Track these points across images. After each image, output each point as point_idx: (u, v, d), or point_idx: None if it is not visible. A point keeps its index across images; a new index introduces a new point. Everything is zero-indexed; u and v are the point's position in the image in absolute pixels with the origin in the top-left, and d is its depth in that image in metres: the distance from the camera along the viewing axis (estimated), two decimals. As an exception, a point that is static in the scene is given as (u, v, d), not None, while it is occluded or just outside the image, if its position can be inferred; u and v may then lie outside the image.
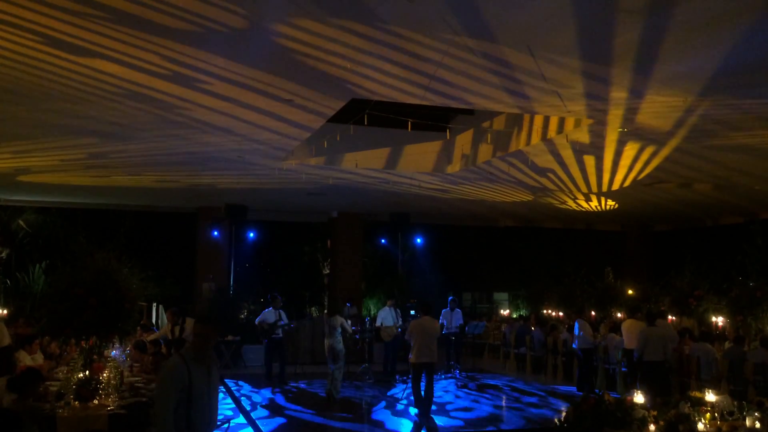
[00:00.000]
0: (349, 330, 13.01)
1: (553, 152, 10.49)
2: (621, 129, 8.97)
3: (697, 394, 6.92)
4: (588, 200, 14.56)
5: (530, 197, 15.38)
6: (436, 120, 10.92)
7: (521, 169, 11.85)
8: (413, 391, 10.70)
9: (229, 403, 11.59)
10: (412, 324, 11.07)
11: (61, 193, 16.00)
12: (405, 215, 17.71)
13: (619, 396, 7.93)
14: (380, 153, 11.90)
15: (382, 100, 8.28)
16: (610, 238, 22.46)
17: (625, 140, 9.56)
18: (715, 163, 11.36)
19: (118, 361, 8.50)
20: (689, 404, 6.51)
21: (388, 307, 14.79)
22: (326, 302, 19.72)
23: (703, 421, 6.34)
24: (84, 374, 7.51)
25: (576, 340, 13.06)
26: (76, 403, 7.00)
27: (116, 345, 8.79)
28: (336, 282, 19.10)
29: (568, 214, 18.77)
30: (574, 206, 15.39)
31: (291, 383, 13.87)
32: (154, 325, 15.08)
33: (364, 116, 8.63)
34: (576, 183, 12.89)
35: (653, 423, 6.31)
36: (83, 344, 7.83)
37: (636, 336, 11.04)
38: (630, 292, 16.79)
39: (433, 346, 10.60)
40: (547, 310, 19.00)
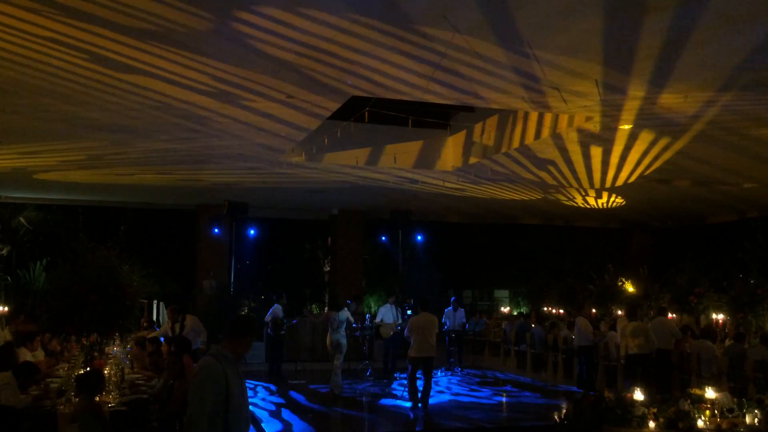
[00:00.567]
0: (352, 324, 13.33)
1: (560, 147, 10.40)
2: (628, 125, 8.95)
3: (697, 391, 6.91)
4: (599, 197, 14.48)
5: (540, 195, 15.32)
6: (437, 117, 10.92)
7: (524, 165, 11.81)
8: (409, 384, 10.99)
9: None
10: (411, 320, 11.33)
11: (62, 190, 16.01)
12: (406, 213, 17.71)
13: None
14: (382, 150, 11.89)
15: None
16: (611, 235, 22.46)
17: (637, 132, 9.45)
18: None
19: (119, 358, 8.50)
20: (689, 401, 6.52)
21: (389, 305, 14.83)
22: (327, 299, 19.74)
23: (702, 418, 6.34)
24: (85, 371, 7.51)
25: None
26: (76, 399, 6.99)
27: (116, 342, 8.79)
28: (336, 279, 19.11)
29: (569, 212, 18.77)
30: (581, 203, 15.34)
31: (291, 381, 13.91)
32: (155, 323, 15.08)
33: (365, 113, 8.63)
34: (579, 178, 12.81)
35: (653, 420, 6.32)
36: (84, 341, 7.84)
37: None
38: (630, 290, 16.77)
39: (432, 341, 10.82)
40: (547, 308, 19.01)
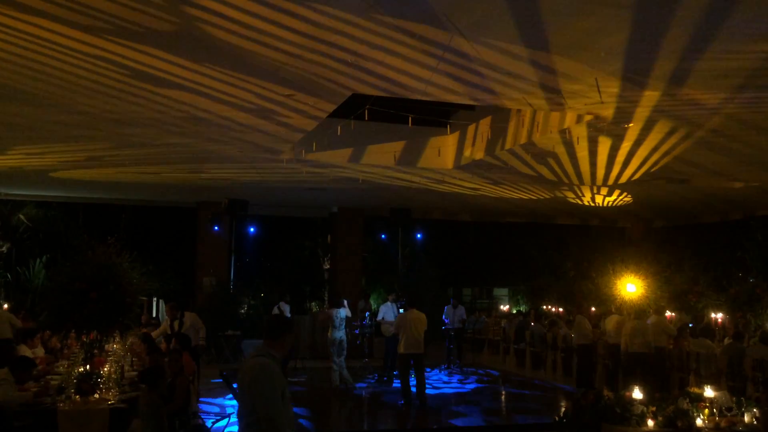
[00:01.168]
0: (351, 321, 13.83)
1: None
2: (628, 125, 8.93)
3: (696, 390, 6.93)
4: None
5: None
6: (437, 115, 10.91)
7: (527, 162, 11.75)
8: (401, 381, 11.22)
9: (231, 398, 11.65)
10: (399, 317, 11.67)
11: (62, 187, 16.01)
12: (406, 211, 17.73)
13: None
14: (381, 148, 11.89)
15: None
16: (610, 234, 22.46)
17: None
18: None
19: (119, 354, 8.51)
20: (688, 400, 6.54)
21: (389, 303, 14.87)
22: (326, 297, 19.76)
23: (701, 416, 6.36)
24: (85, 368, 7.54)
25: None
26: (77, 397, 7.01)
27: (116, 339, 8.81)
28: (336, 277, 19.13)
29: (569, 211, 18.77)
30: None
31: (290, 378, 13.94)
32: (154, 320, 15.09)
33: (365, 111, 8.64)
34: (582, 175, 12.74)
35: (652, 418, 6.33)
36: (84, 338, 7.86)
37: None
38: (631, 290, 16.78)
39: (420, 337, 11.00)
40: (546, 306, 19.04)
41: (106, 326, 7.82)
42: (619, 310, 13.02)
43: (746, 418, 6.45)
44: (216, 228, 17.39)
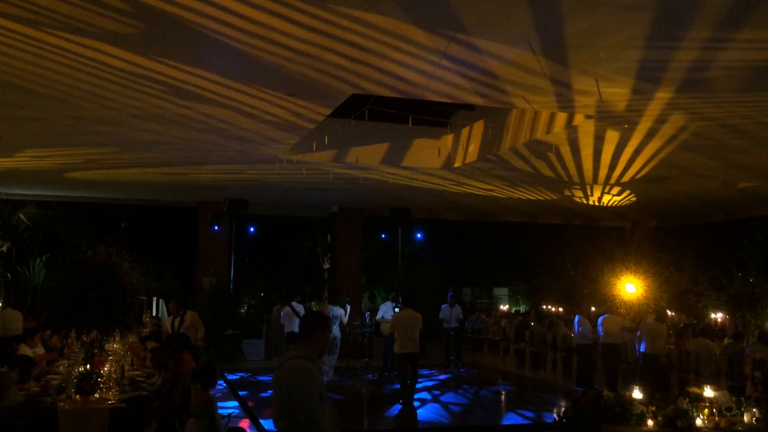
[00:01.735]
0: (345, 320, 13.81)
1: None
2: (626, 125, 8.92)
3: (696, 390, 6.94)
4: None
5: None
6: (438, 115, 10.90)
7: (530, 162, 11.72)
8: (399, 378, 11.37)
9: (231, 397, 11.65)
10: (394, 317, 11.89)
11: (62, 187, 16.01)
12: (406, 210, 17.73)
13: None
14: (382, 148, 11.88)
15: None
16: (610, 233, 22.45)
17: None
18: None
19: (119, 354, 8.51)
20: (688, 400, 6.54)
21: (389, 302, 14.90)
22: (326, 296, 19.76)
23: (701, 416, 6.37)
24: (85, 368, 7.53)
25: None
26: (77, 396, 7.02)
27: (116, 339, 8.80)
28: (336, 276, 19.12)
29: (569, 210, 18.76)
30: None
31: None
32: (155, 319, 15.08)
33: (366, 111, 8.63)
34: (584, 175, 12.71)
35: (652, 418, 6.34)
36: (84, 338, 7.85)
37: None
38: (630, 289, 16.77)
39: (415, 336, 11.09)
40: (546, 306, 19.03)
41: (107, 326, 7.80)
42: (609, 309, 13.00)
43: (746, 418, 6.46)
44: (216, 227, 17.40)
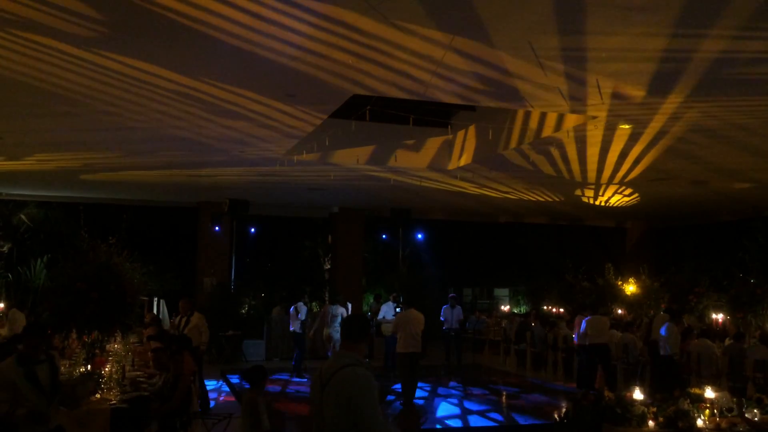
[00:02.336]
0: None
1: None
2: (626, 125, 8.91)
3: (697, 391, 6.93)
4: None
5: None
6: (438, 116, 10.91)
7: (533, 161, 11.70)
8: (401, 377, 11.37)
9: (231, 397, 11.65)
10: (397, 317, 11.88)
11: (63, 187, 16.02)
12: (406, 211, 17.74)
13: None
14: (382, 148, 11.88)
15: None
16: (611, 234, 22.47)
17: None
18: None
19: (120, 354, 8.50)
20: (689, 400, 6.54)
21: (390, 302, 14.90)
22: (327, 297, 19.77)
23: (702, 417, 6.36)
24: (86, 368, 7.54)
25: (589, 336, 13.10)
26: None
27: (118, 339, 8.79)
28: (337, 277, 19.12)
29: (569, 210, 18.75)
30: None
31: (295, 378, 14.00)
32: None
33: (366, 112, 8.64)
34: (587, 174, 12.69)
35: (653, 419, 6.33)
36: (85, 338, 7.86)
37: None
38: (632, 289, 16.79)
39: (418, 336, 11.14)
40: (547, 307, 19.02)
41: (107, 326, 7.82)
42: (594, 310, 12.97)
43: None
44: (217, 228, 17.40)
